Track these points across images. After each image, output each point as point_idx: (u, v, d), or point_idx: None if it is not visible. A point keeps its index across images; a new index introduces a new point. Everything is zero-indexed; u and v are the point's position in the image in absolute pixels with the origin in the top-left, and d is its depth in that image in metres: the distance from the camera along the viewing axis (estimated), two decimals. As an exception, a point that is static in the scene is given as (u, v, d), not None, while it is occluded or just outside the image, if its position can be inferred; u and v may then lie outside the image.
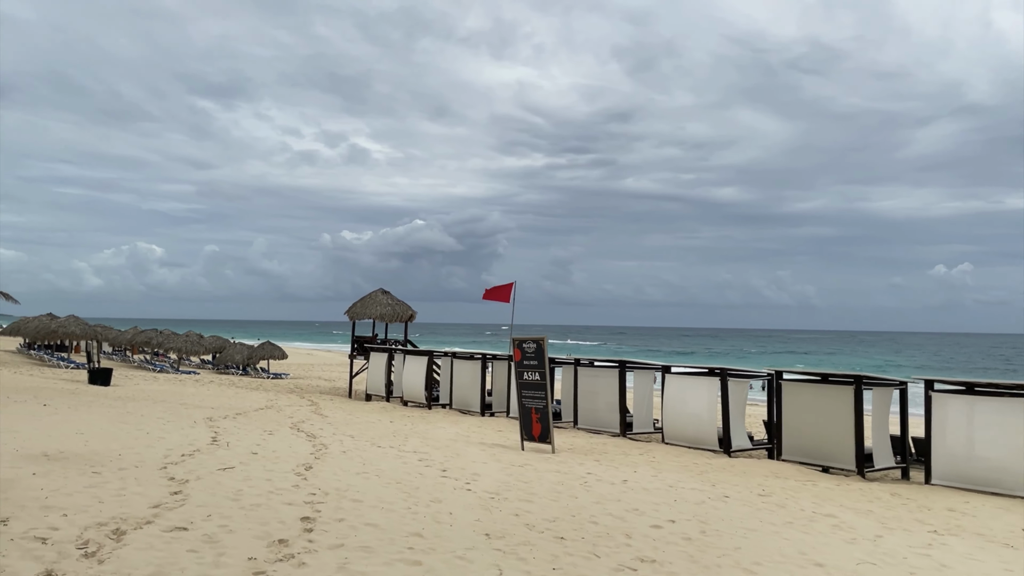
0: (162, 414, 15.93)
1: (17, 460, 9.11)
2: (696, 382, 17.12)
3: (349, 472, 9.72)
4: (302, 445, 12.12)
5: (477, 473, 10.30)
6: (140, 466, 9.22)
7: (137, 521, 6.32)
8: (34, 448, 10.06)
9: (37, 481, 7.80)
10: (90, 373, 25.10)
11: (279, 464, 9.98)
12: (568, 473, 10.94)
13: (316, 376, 39.30)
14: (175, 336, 40.85)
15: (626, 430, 18.49)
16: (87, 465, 9.06)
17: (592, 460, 13.22)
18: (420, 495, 8.41)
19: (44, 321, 39.62)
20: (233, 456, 10.45)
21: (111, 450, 10.32)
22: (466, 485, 9.30)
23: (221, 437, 12.50)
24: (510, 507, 8.06)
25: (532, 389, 14.86)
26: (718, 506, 9.08)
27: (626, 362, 19.24)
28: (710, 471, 12.89)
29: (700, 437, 16.71)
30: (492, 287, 29.00)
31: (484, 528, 6.90)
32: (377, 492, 8.40)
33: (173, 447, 10.98)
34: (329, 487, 8.51)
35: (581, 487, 9.69)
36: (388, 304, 30.49)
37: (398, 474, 9.80)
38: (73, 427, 12.63)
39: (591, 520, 7.63)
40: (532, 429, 14.73)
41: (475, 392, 22.87)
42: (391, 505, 7.72)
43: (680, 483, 10.78)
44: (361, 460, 10.88)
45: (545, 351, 14.67)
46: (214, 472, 9.06)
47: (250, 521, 6.57)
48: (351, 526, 6.64)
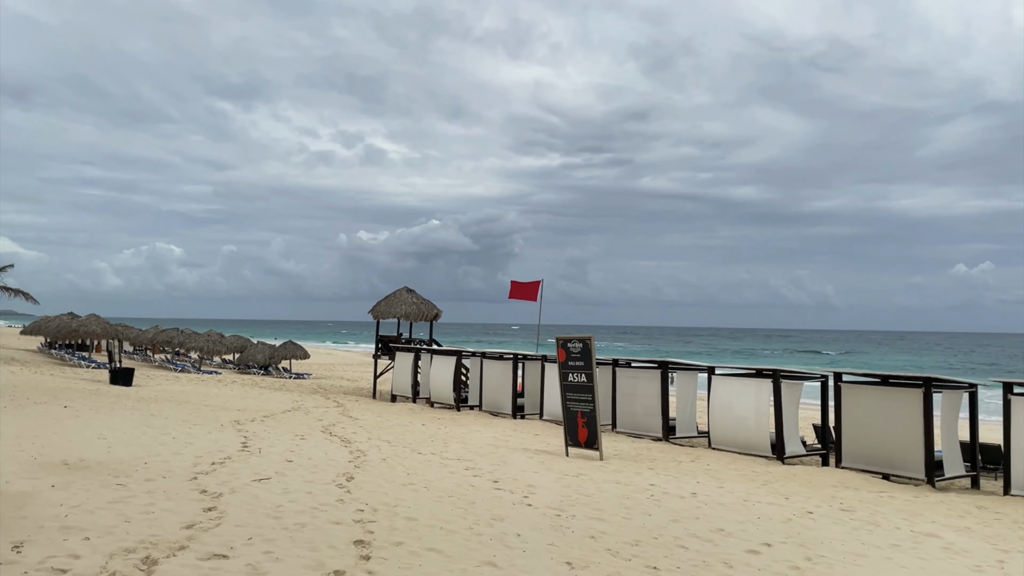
0: (187, 416, 15.19)
1: (35, 469, 8.35)
2: (746, 384, 16.16)
3: (394, 483, 8.87)
4: (338, 452, 11.30)
5: (532, 485, 9.43)
6: (168, 476, 8.42)
7: (169, 546, 5.50)
8: (54, 455, 9.31)
9: (56, 495, 7.02)
10: (111, 373, 24.47)
11: (318, 474, 9.16)
12: (629, 485, 10.05)
13: (338, 376, 38.61)
14: (196, 335, 40.30)
15: (669, 434, 17.55)
16: (111, 476, 8.28)
17: (646, 468, 12.33)
18: (478, 512, 7.55)
19: (65, 320, 39.22)
20: (267, 465, 9.64)
21: (136, 458, 9.54)
22: (524, 499, 8.44)
23: (251, 442, 11.72)
24: (582, 527, 7.18)
25: (578, 391, 13.98)
26: (808, 524, 8.15)
27: (668, 363, 18.30)
28: (773, 481, 11.96)
29: (751, 442, 15.75)
30: (518, 284, 28.02)
31: (562, 555, 6.03)
32: (430, 508, 7.55)
33: (202, 454, 10.19)
34: (377, 502, 7.67)
35: (650, 502, 8.80)
36: (413, 303, 29.67)
37: (448, 486, 8.95)
38: (95, 431, 11.89)
39: (678, 544, 6.74)
40: (578, 434, 13.85)
41: (506, 393, 21.99)
42: (450, 524, 6.87)
43: (752, 496, 9.86)
44: (404, 469, 10.04)
45: (592, 351, 13.78)
46: (249, 484, 8.25)
47: (297, 545, 5.74)
48: (412, 552, 5.79)
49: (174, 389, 23.52)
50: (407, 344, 28.66)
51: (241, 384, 28.80)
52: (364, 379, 36.27)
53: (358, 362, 55.68)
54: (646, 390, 18.18)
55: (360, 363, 54.07)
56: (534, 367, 22.27)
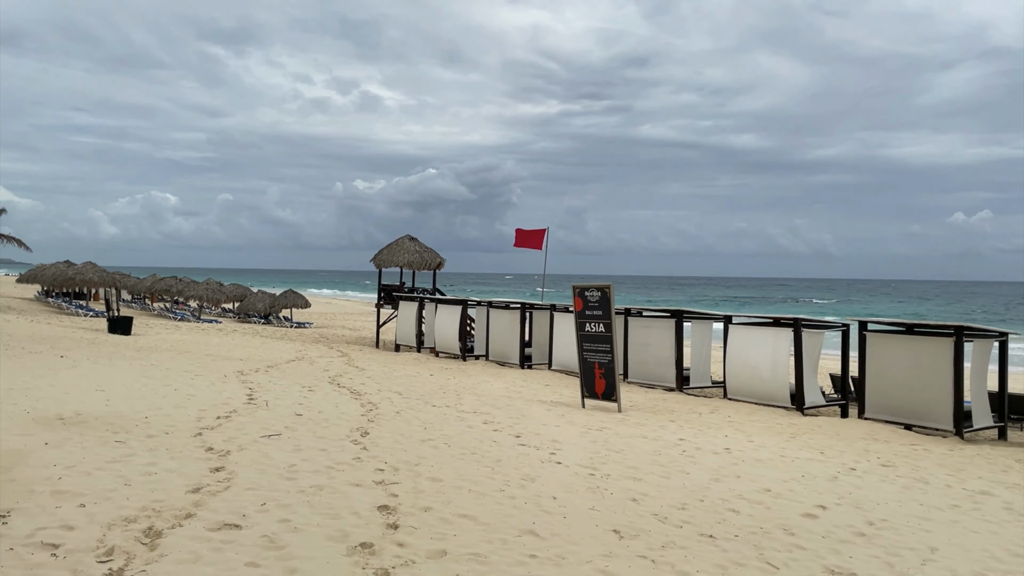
0: (189, 367, 14.64)
1: (28, 425, 7.79)
2: (765, 334, 15.60)
3: (412, 439, 8.33)
4: (349, 404, 10.76)
5: (557, 440, 8.90)
6: (171, 432, 7.87)
7: (175, 514, 4.94)
8: (48, 409, 8.74)
9: (50, 454, 6.46)
10: (110, 322, 23.88)
11: (330, 429, 8.61)
12: (657, 439, 9.53)
13: (340, 325, 38.12)
14: (195, 284, 39.61)
15: (683, 385, 17.09)
16: (109, 431, 7.72)
17: (667, 421, 11.83)
18: (506, 471, 7.01)
19: (61, 268, 38.49)
20: (275, 419, 9.09)
21: (136, 411, 8.98)
22: (552, 456, 7.91)
23: (257, 394, 11.17)
24: (619, 488, 6.65)
25: (595, 342, 13.42)
26: (855, 483, 7.64)
27: (683, 312, 17.73)
28: (800, 433, 11.47)
29: (769, 393, 15.28)
30: (523, 232, 27.49)
31: (607, 521, 5.49)
32: (454, 466, 7.01)
33: (206, 407, 9.64)
34: (396, 460, 7.13)
35: (684, 459, 8.28)
36: (416, 251, 28.94)
37: (469, 441, 8.41)
38: (92, 383, 11.33)
39: (727, 507, 6.21)
40: (595, 385, 13.33)
41: (513, 343, 21.48)
42: (478, 485, 6.33)
43: (787, 451, 9.34)
44: (420, 423, 9.50)
45: (611, 300, 13.17)
46: (257, 440, 7.70)
47: (316, 512, 5.18)
48: (442, 518, 5.24)
49: (174, 338, 22.97)
50: (410, 293, 28.05)
51: (242, 333, 28.27)
52: (366, 328, 35.80)
53: (359, 311, 55.20)
54: (659, 340, 17.68)
55: (361, 312, 53.59)
56: (543, 316, 21.76)
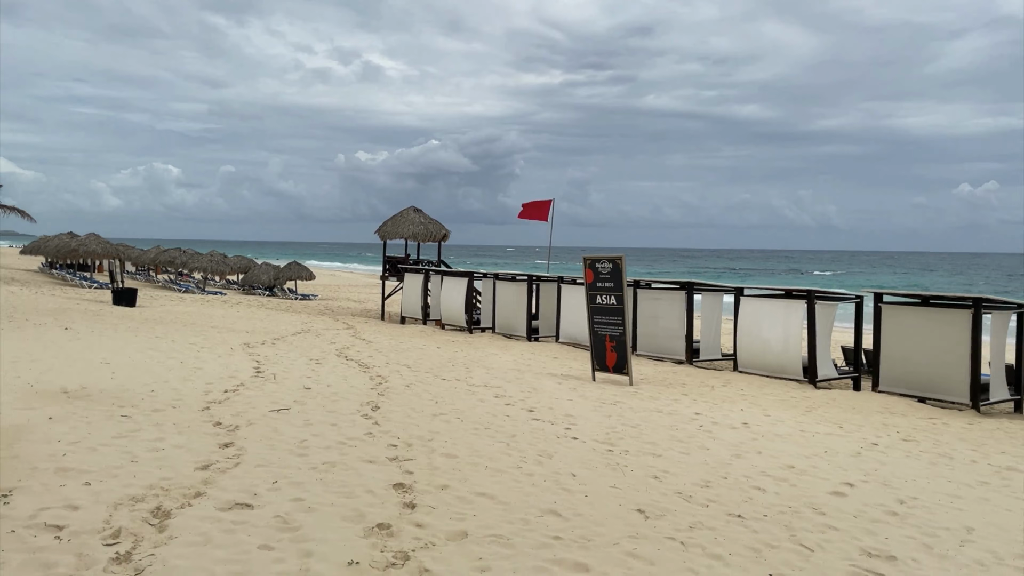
0: (194, 339, 14.47)
1: (32, 398, 7.62)
2: (777, 306, 15.37)
3: (423, 413, 8.15)
4: (358, 378, 10.58)
5: (571, 415, 8.72)
6: (178, 406, 7.69)
7: (184, 492, 4.76)
8: (53, 382, 8.58)
9: (54, 429, 6.28)
10: (114, 293, 23.72)
11: (340, 403, 8.43)
12: (673, 414, 9.34)
13: (344, 297, 37.94)
14: (199, 256, 39.42)
15: (692, 357, 16.91)
16: (114, 405, 7.55)
17: (680, 394, 11.65)
18: (522, 446, 6.83)
19: (64, 240, 38.29)
20: (284, 392, 8.92)
21: (142, 385, 8.81)
22: (567, 431, 7.72)
23: (264, 367, 11.00)
24: (639, 465, 6.46)
25: (606, 314, 13.20)
26: (879, 458, 7.45)
27: (694, 284, 17.51)
28: (816, 407, 11.29)
29: (781, 366, 15.08)
30: (529, 203, 27.31)
31: (630, 500, 5.31)
32: (469, 442, 6.83)
33: (213, 380, 9.47)
34: (409, 435, 6.95)
35: (702, 433, 8.09)
36: (420, 223, 28.64)
37: (482, 416, 8.23)
38: (97, 355, 11.16)
39: (752, 485, 6.02)
40: (606, 359, 13.14)
41: (520, 316, 21.27)
42: (495, 462, 6.15)
43: (806, 426, 9.16)
44: (431, 397, 9.32)
45: (624, 272, 12.92)
46: (266, 415, 7.52)
47: (329, 490, 5.01)
48: (460, 497, 5.06)
49: (179, 310, 22.81)
50: (415, 265, 27.82)
51: (247, 305, 28.12)
52: (371, 300, 35.64)
53: (363, 283, 55.04)
54: (668, 312, 17.48)
55: (365, 284, 53.42)
56: (550, 289, 21.54)
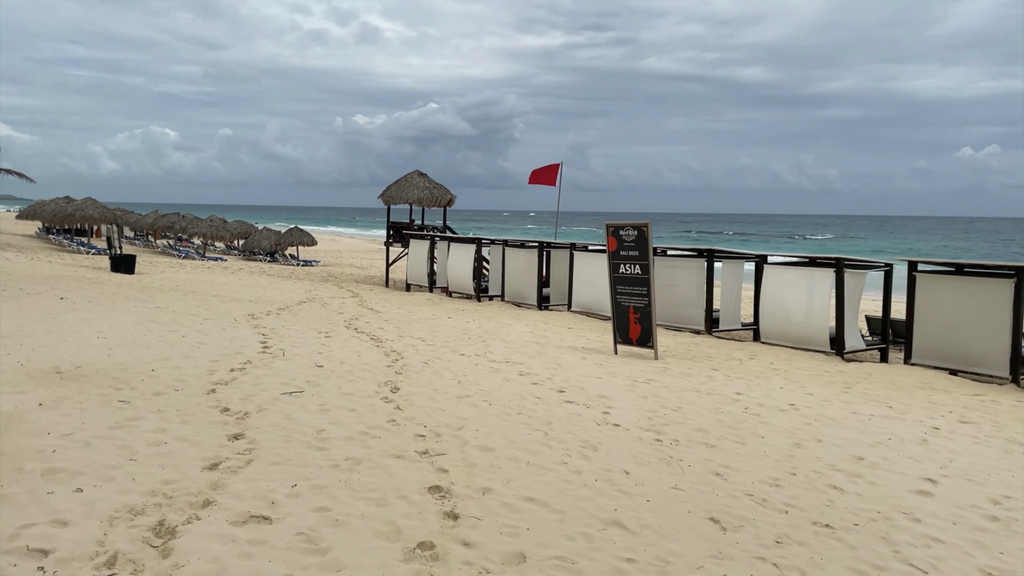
0: (196, 310, 13.81)
1: (22, 380, 6.97)
2: (803, 274, 14.69)
3: (447, 395, 7.51)
4: (371, 353, 9.93)
5: (605, 396, 8.08)
6: (181, 388, 7.05)
7: (190, 501, 4.13)
8: (45, 360, 7.93)
9: (44, 418, 5.64)
10: (112, 260, 23.02)
11: (356, 383, 7.79)
12: (712, 393, 8.70)
13: (347, 263, 37.25)
14: (199, 221, 38.61)
15: (711, 327, 16.27)
16: (112, 387, 6.91)
17: (710, 369, 11.03)
18: (561, 435, 6.20)
19: (61, 204, 37.44)
20: (295, 371, 8.27)
21: (141, 363, 8.16)
22: (605, 416, 7.09)
23: (272, 341, 10.34)
24: (696, 459, 5.83)
25: (630, 284, 12.52)
26: (948, 447, 6.83)
27: (714, 251, 16.81)
28: (854, 382, 10.67)
29: (807, 336, 14.45)
30: (538, 168, 26.78)
31: (698, 505, 4.68)
32: (503, 431, 6.20)
33: (218, 357, 8.82)
34: (436, 422, 6.31)
35: (751, 418, 7.46)
36: (425, 187, 27.78)
37: (510, 398, 7.59)
38: (94, 328, 10.50)
39: (826, 482, 5.40)
40: (629, 331, 12.49)
41: (531, 283, 20.61)
42: (536, 456, 5.52)
43: (853, 406, 8.52)
44: (452, 375, 8.68)
45: (650, 240, 12.21)
46: (278, 398, 6.88)
47: (358, 496, 4.37)
48: (507, 504, 4.43)
49: (179, 277, 22.13)
50: (420, 231, 27.06)
51: (248, 272, 27.43)
52: (374, 267, 34.97)
53: (364, 249, 54.29)
54: (686, 280, 16.81)
55: (366, 250, 52.68)
56: (562, 256, 20.84)
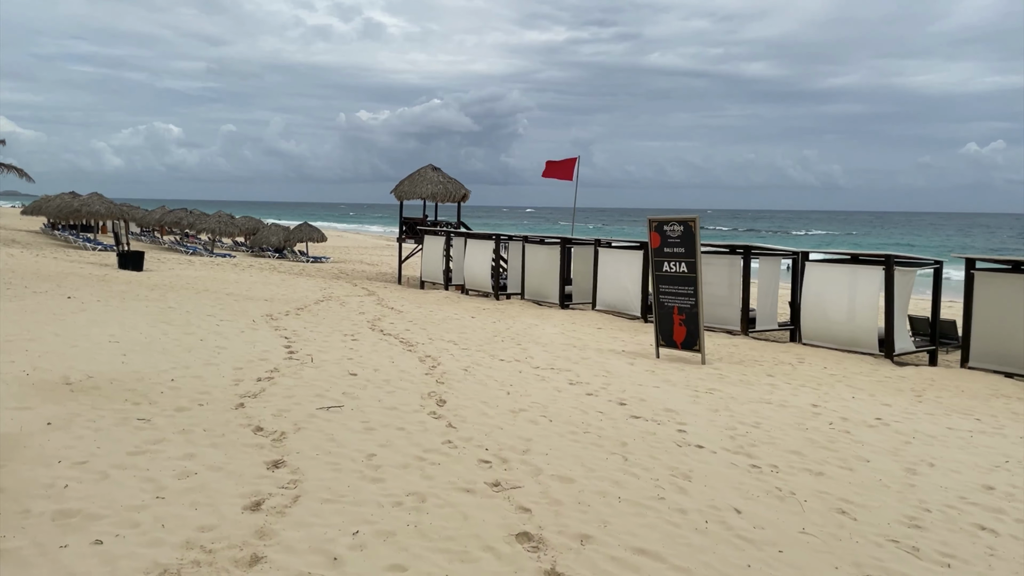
0: (211, 310, 13.05)
1: (27, 393, 6.21)
2: (850, 272, 13.85)
3: (500, 409, 6.74)
4: (404, 358, 9.16)
5: (671, 409, 7.29)
6: (206, 403, 6.29)
7: (234, 557, 3.36)
8: (53, 369, 7.17)
9: (54, 441, 4.89)
10: (120, 256, 22.28)
11: (397, 395, 7.02)
12: (786, 405, 7.92)
13: (357, 260, 36.50)
14: (206, 216, 37.85)
15: (748, 327, 15.46)
16: (128, 402, 6.15)
17: (763, 374, 10.25)
18: (643, 461, 5.42)
19: (66, 200, 36.70)
20: (327, 380, 7.51)
21: (159, 372, 7.41)
22: (681, 434, 6.31)
23: (296, 345, 9.58)
24: (806, 489, 5.04)
25: (675, 283, 11.73)
26: (1073, 473, 6.04)
27: (751, 247, 15.98)
28: (922, 389, 9.88)
29: (854, 338, 13.63)
30: (553, 163, 26.03)
31: (841, 558, 3.89)
32: (576, 455, 5.43)
33: (241, 364, 8.05)
34: (498, 444, 5.54)
35: (843, 436, 6.66)
36: (439, 182, 26.97)
37: (570, 413, 6.82)
38: (105, 330, 9.76)
39: (971, 521, 4.61)
40: (673, 333, 11.70)
41: (553, 281, 19.81)
42: (625, 489, 4.74)
43: (941, 418, 7.72)
44: (498, 385, 7.90)
45: (697, 236, 11.42)
46: (315, 414, 6.11)
47: (434, 547, 3.59)
48: (615, 558, 3.65)
49: (189, 274, 21.39)
50: (433, 227, 26.26)
51: (259, 268, 26.69)
52: (385, 263, 34.23)
53: (372, 245, 53.54)
54: (720, 278, 15.99)
55: (375, 246, 51.94)
56: (585, 252, 20.03)
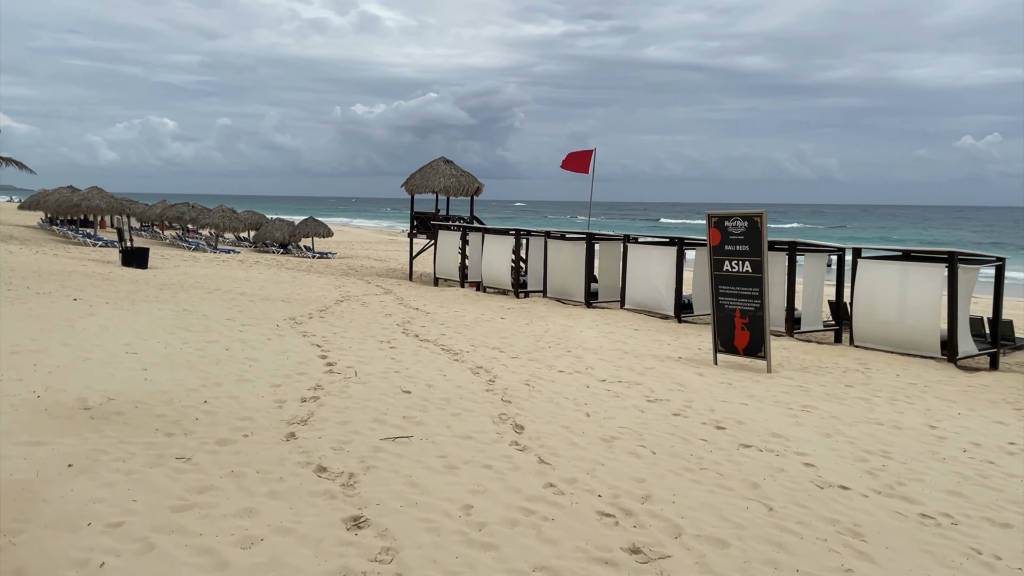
0: (230, 313, 12.09)
1: (40, 421, 5.27)
2: (910, 269, 12.87)
3: (589, 437, 5.80)
4: (455, 370, 8.21)
5: (780, 435, 6.35)
6: (251, 433, 5.34)
7: None
8: (67, 388, 6.23)
9: (78, 491, 3.94)
10: (123, 253, 21.28)
11: (464, 419, 6.08)
12: (901, 427, 6.99)
13: (363, 255, 35.55)
14: (208, 211, 36.83)
15: (792, 329, 14.56)
16: (160, 431, 5.21)
17: (843, 385, 9.34)
18: (789, 509, 4.49)
19: (65, 194, 35.70)
20: (379, 400, 6.56)
21: (188, 391, 6.46)
22: (811, 470, 5.36)
23: (332, 355, 8.62)
24: (1008, 552, 4.14)
25: (737, 284, 10.80)
26: None
27: (796, 244, 15.07)
28: (1017, 400, 8.99)
29: (913, 341, 12.68)
30: (571, 154, 25.17)
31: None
32: (706, 502, 4.50)
33: (279, 380, 7.11)
34: (611, 488, 4.60)
35: (991, 468, 5.73)
36: (452, 175, 25.99)
37: (670, 442, 5.88)
38: (119, 338, 8.80)
39: None
40: (734, 338, 10.77)
41: (578, 279, 18.88)
42: (797, 557, 3.81)
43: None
44: (573, 404, 6.97)
45: (764, 232, 10.49)
46: (381, 447, 5.17)
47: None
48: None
49: (196, 272, 20.41)
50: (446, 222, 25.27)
51: (266, 265, 25.72)
52: (392, 259, 33.31)
53: (376, 239, 52.56)
54: (762, 276, 15.08)
55: (379, 240, 50.99)
56: (612, 248, 19.12)
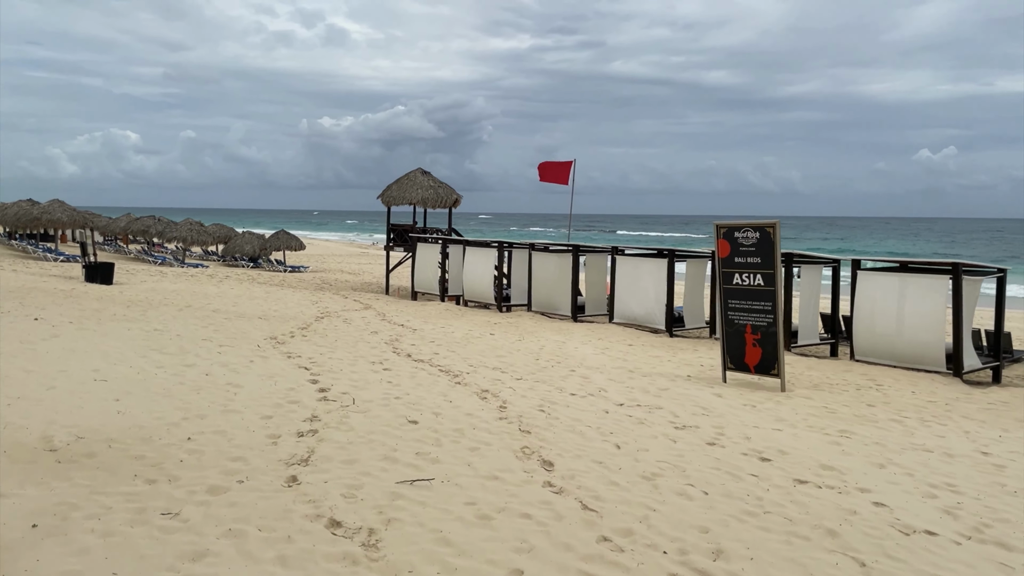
0: (205, 332, 11.27)
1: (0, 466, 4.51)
2: (912, 281, 12.48)
3: (629, 475, 5.17)
4: (459, 395, 7.53)
5: (832, 467, 5.79)
6: (246, 478, 4.63)
7: None
8: (29, 425, 5.44)
9: (44, 562, 3.21)
10: (87, 269, 20.23)
11: (485, 455, 5.41)
12: (954, 456, 6.46)
13: (336, 268, 34.68)
14: (175, 224, 35.70)
15: (790, 343, 14.13)
16: (139, 477, 4.48)
17: (866, 406, 8.84)
18: (884, 565, 3.89)
19: (25, 207, 34.28)
20: (385, 433, 5.87)
21: (169, 426, 5.71)
22: (881, 508, 4.79)
23: (323, 380, 7.89)
24: None
25: (748, 299, 10.27)
26: None
27: (793, 255, 14.67)
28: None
29: (917, 354, 12.27)
30: (549, 164, 24.70)
31: None
32: (789, 556, 3.88)
33: (269, 411, 6.37)
34: (673, 540, 3.98)
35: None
36: (430, 187, 25.36)
37: (721, 480, 5.26)
38: (86, 363, 7.98)
39: None
40: (745, 355, 10.24)
41: (564, 292, 18.30)
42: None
43: None
44: (600, 434, 6.33)
45: (777, 244, 9.98)
46: (400, 493, 4.49)
47: None
48: None
49: (164, 288, 19.44)
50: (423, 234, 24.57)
51: (237, 279, 24.76)
52: (366, 272, 32.50)
53: (347, 252, 51.60)
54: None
55: (349, 253, 50.05)
56: (599, 261, 18.61)
